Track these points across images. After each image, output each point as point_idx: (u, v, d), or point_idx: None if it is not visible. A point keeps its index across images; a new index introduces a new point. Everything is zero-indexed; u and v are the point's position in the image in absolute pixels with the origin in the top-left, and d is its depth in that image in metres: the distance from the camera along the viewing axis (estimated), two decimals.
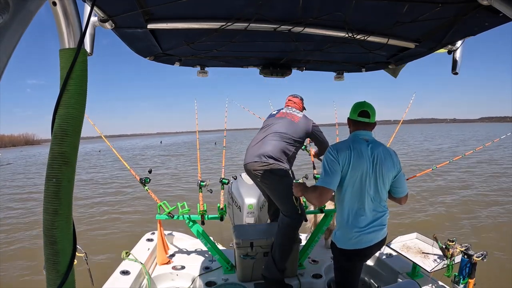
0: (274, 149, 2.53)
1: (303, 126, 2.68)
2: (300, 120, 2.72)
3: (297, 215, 2.46)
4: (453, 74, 1.74)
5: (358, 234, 1.79)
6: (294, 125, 2.66)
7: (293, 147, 2.63)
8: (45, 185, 0.69)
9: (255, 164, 2.52)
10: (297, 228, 2.52)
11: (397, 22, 1.40)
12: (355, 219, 1.80)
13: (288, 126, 2.65)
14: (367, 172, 1.78)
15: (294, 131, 2.63)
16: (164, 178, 13.01)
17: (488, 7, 1.09)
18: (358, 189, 1.79)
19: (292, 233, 2.50)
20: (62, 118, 0.70)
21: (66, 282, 0.72)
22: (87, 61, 0.74)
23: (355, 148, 1.80)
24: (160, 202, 2.87)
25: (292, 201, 2.43)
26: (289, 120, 2.70)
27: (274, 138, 2.59)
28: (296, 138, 2.63)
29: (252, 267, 2.61)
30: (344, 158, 1.77)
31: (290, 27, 1.43)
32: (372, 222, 1.81)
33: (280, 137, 2.59)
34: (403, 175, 1.93)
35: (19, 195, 11.38)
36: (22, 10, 0.57)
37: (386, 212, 1.88)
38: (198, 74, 2.21)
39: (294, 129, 2.64)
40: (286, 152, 2.57)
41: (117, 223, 7.11)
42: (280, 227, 2.49)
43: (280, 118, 2.73)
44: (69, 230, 0.73)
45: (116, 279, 2.48)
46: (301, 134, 2.66)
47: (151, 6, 1.25)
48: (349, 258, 1.87)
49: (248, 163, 2.57)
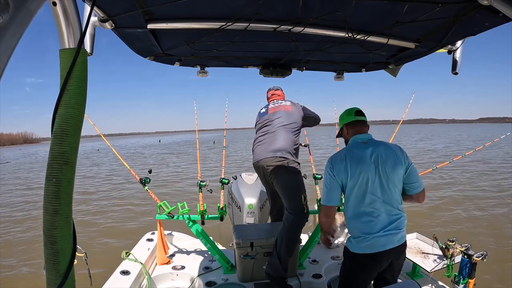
0: (286, 144, 2.59)
1: (297, 112, 2.79)
2: (292, 107, 2.81)
3: (303, 214, 2.46)
4: (453, 74, 1.74)
5: (370, 237, 1.71)
6: (291, 114, 2.76)
7: (297, 136, 2.72)
8: (45, 185, 0.69)
9: (269, 160, 2.55)
10: (302, 226, 2.52)
11: (397, 22, 1.40)
12: (365, 224, 1.73)
13: (288, 117, 2.73)
14: (370, 175, 1.72)
15: (294, 120, 2.73)
16: (164, 178, 13.01)
17: (488, 7, 1.09)
18: (362, 194, 1.73)
19: (297, 230, 2.50)
20: (62, 118, 0.70)
21: (66, 282, 0.72)
22: (87, 61, 0.74)
23: (352, 155, 1.77)
24: (160, 202, 2.87)
25: (301, 199, 2.44)
26: (285, 111, 2.77)
27: (283, 132, 2.65)
28: (298, 126, 2.74)
29: (252, 267, 2.60)
30: (339, 170, 1.76)
31: (290, 27, 1.43)
32: (386, 226, 1.72)
33: (287, 130, 2.67)
34: (414, 169, 1.82)
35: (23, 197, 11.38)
36: (22, 10, 0.57)
37: (401, 215, 1.77)
38: (198, 74, 2.21)
39: (293, 118, 2.74)
40: (295, 143, 2.66)
41: (117, 222, 7.11)
42: (286, 225, 2.48)
43: (276, 113, 2.78)
44: (69, 230, 0.73)
45: (116, 279, 2.48)
46: (298, 120, 2.76)
47: (151, 6, 1.25)
48: (361, 263, 1.77)
49: (261, 160, 2.60)
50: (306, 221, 2.52)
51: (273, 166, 2.52)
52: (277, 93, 3.02)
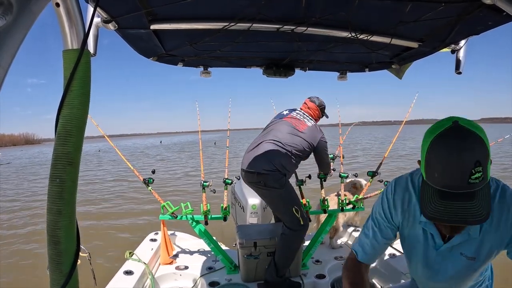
0: (268, 158, 2.33)
1: (308, 138, 2.45)
2: (306, 130, 2.47)
3: (299, 226, 2.39)
4: (456, 73, 1.73)
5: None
6: (297, 134, 2.45)
7: (291, 159, 2.41)
8: (49, 185, 0.69)
9: (249, 176, 2.37)
10: (301, 237, 2.45)
11: (400, 21, 1.40)
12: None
13: (289, 134, 2.44)
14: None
15: (294, 142, 2.42)
16: (167, 178, 13.04)
17: (491, 6, 1.08)
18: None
19: (294, 242, 2.45)
20: (66, 118, 0.70)
21: (70, 282, 0.72)
22: (90, 62, 0.74)
23: None
24: (163, 202, 2.88)
25: (292, 212, 2.35)
26: (293, 128, 2.48)
27: (270, 146, 2.39)
28: (296, 151, 2.41)
29: (255, 267, 2.60)
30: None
31: (293, 27, 1.42)
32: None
33: (276, 145, 2.39)
34: None
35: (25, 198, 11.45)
36: (25, 11, 0.57)
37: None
38: (201, 74, 2.21)
39: (295, 139, 2.43)
40: (281, 163, 2.34)
41: (120, 223, 7.13)
42: (283, 236, 2.44)
43: (284, 123, 2.52)
44: (73, 230, 0.73)
45: (120, 279, 2.49)
46: (302, 147, 2.43)
47: (154, 6, 1.26)
48: None
49: (243, 172, 2.43)
50: (306, 230, 2.46)
51: (255, 183, 2.37)
52: (308, 105, 2.67)
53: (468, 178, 0.82)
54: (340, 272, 2.87)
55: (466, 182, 0.83)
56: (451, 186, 0.85)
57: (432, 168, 0.88)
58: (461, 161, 0.82)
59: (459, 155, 0.82)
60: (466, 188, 0.83)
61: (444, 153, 0.84)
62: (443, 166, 0.85)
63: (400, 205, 1.16)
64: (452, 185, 0.84)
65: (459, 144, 0.83)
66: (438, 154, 0.86)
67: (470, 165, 0.81)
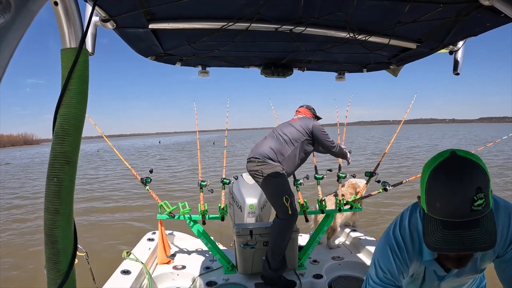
0: (268, 149, 2.66)
1: (302, 124, 2.77)
2: (298, 120, 2.84)
3: (287, 216, 2.49)
4: (454, 74, 1.73)
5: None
6: (291, 124, 2.81)
7: (290, 148, 2.70)
8: (46, 185, 0.69)
9: (251, 164, 2.66)
10: (290, 227, 2.54)
11: (399, 22, 1.40)
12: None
13: (286, 127, 2.82)
14: None
15: (289, 131, 2.75)
16: (164, 178, 13.01)
17: (489, 8, 1.09)
18: None
19: (283, 233, 2.53)
20: (64, 117, 0.70)
21: (67, 281, 0.72)
22: (88, 61, 0.74)
23: None
24: (161, 202, 2.87)
25: (282, 202, 2.48)
26: (288, 122, 2.88)
27: (270, 139, 2.76)
28: (293, 138, 2.72)
29: (252, 258, 2.65)
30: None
31: (292, 27, 1.42)
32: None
33: (276, 137, 2.75)
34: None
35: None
36: (23, 10, 0.57)
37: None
38: (199, 74, 2.21)
39: (289, 128, 2.78)
40: (282, 152, 2.67)
41: (117, 222, 7.11)
42: (272, 227, 2.56)
43: (283, 124, 2.92)
44: (70, 230, 0.73)
45: (117, 278, 2.48)
46: (298, 134, 2.73)
47: (152, 6, 1.25)
48: None
49: (247, 161, 2.72)
50: (293, 221, 2.54)
51: (253, 170, 2.62)
52: (299, 110, 3.05)
53: (471, 206, 0.81)
54: (337, 272, 2.88)
55: (469, 210, 0.81)
56: (455, 215, 0.83)
57: (434, 200, 0.87)
58: (463, 188, 0.81)
59: (460, 183, 0.82)
60: (469, 216, 0.82)
61: (445, 182, 0.84)
62: (445, 196, 0.84)
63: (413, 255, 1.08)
64: (456, 214, 0.83)
65: (459, 172, 0.83)
66: (439, 184, 0.86)
67: (472, 192, 0.81)
